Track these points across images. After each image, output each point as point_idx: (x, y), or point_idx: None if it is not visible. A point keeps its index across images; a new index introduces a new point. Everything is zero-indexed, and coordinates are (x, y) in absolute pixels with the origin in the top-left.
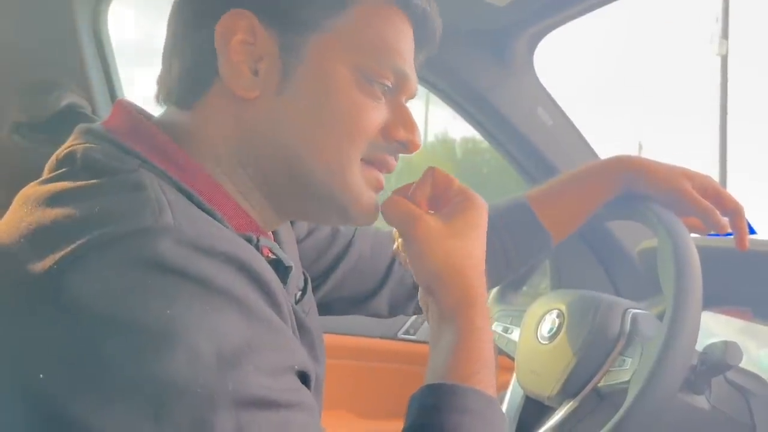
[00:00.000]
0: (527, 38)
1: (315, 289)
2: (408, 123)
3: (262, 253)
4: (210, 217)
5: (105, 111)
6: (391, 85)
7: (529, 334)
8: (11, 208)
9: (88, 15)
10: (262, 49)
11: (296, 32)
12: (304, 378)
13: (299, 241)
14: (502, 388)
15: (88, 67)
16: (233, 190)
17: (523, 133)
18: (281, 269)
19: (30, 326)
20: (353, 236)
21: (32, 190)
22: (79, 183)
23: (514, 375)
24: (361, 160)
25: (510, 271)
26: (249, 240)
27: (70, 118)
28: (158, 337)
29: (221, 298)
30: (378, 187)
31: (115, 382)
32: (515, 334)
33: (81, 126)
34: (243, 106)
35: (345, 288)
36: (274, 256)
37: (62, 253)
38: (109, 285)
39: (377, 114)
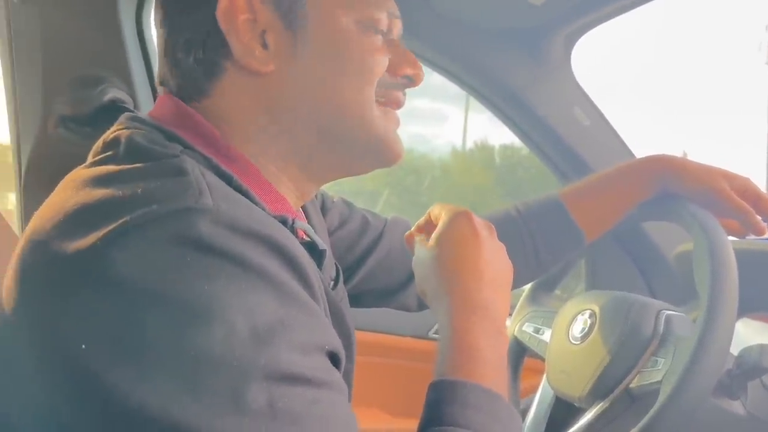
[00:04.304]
0: (564, 37)
1: (346, 281)
2: (409, 59)
3: (296, 235)
4: (247, 200)
5: (146, 106)
6: (385, 29)
7: (561, 335)
8: (57, 189)
9: (131, 13)
10: (264, 23)
11: (294, 10)
12: (334, 360)
13: (330, 234)
14: (532, 390)
15: (131, 63)
16: (268, 171)
17: (560, 133)
18: (316, 252)
19: (73, 298)
20: (383, 228)
21: (78, 173)
22: (123, 166)
23: (545, 376)
24: (377, 100)
25: (541, 269)
26: (284, 222)
27: (113, 112)
28: (196, 312)
29: (256, 277)
30: (397, 122)
31: (153, 354)
32: (546, 335)
33: (126, 114)
34: (262, 82)
35: (375, 280)
36: (308, 239)
37: (105, 230)
38: (150, 261)
39: (382, 55)
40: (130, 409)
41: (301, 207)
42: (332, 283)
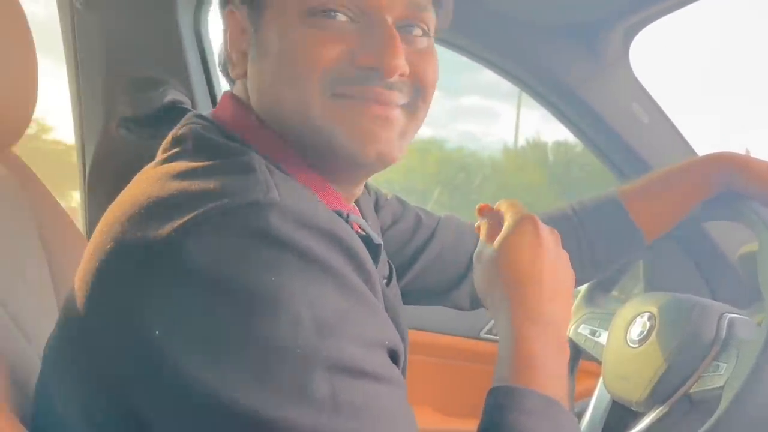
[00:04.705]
0: (623, 31)
1: (398, 279)
2: (376, 45)
3: (352, 229)
4: (310, 195)
5: (204, 107)
6: (351, 11)
7: (618, 338)
8: (129, 186)
9: (190, 17)
10: (245, 32)
11: (257, 3)
12: (394, 356)
13: (383, 231)
14: (588, 393)
15: (189, 65)
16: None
17: (618, 130)
18: (371, 247)
19: (149, 286)
20: (436, 226)
21: (152, 170)
22: (195, 162)
23: (600, 379)
24: (335, 94)
25: (598, 270)
26: (339, 215)
27: (172, 113)
28: (262, 302)
29: (320, 270)
30: (370, 117)
31: (223, 341)
32: (603, 338)
33: (192, 112)
34: (244, 87)
35: (427, 278)
36: (363, 233)
37: (179, 222)
38: (221, 252)
39: (331, 45)
40: (200, 394)
41: (354, 203)
42: (386, 280)
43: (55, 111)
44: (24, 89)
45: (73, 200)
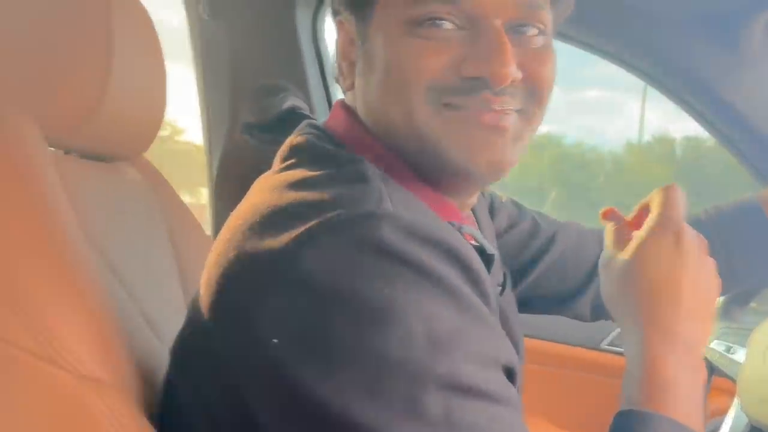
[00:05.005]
0: (765, 23)
1: (514, 285)
2: (483, 53)
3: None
4: (422, 206)
5: (321, 112)
6: (457, 18)
7: (757, 356)
8: (248, 194)
9: (308, 24)
10: (353, 43)
11: (364, 13)
12: (510, 374)
13: (499, 236)
14: (720, 412)
15: (308, 71)
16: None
17: (762, 130)
18: (484, 257)
19: (266, 294)
20: (555, 232)
21: (270, 178)
22: (311, 172)
23: (736, 400)
24: (443, 105)
25: (735, 282)
26: (452, 226)
27: (291, 119)
28: (377, 314)
29: (435, 284)
30: (485, 129)
31: (337, 352)
32: (740, 355)
33: (307, 121)
34: (353, 98)
35: (545, 286)
36: (476, 244)
37: (298, 231)
38: (336, 263)
39: (436, 55)
40: (313, 404)
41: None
42: (500, 288)
43: (186, 113)
44: (154, 99)
45: (203, 197)
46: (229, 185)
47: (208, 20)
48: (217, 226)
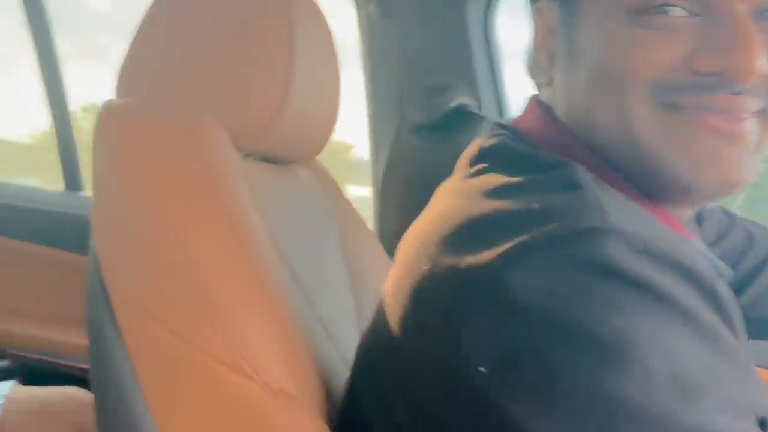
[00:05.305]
0: None
1: None
2: (722, 43)
3: None
4: (649, 218)
5: (490, 110)
6: (689, 3)
7: None
8: (437, 198)
9: (480, 19)
10: (555, 33)
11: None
12: (762, 426)
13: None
14: None
15: (478, 68)
16: None
17: None
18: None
19: (470, 317)
20: None
21: (459, 184)
22: (515, 178)
23: None
24: (666, 105)
25: None
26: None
27: (459, 118)
28: (607, 349)
29: (677, 314)
30: (717, 137)
31: (559, 390)
32: None
33: (494, 122)
34: (549, 96)
35: (764, 307)
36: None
37: (503, 248)
38: (554, 287)
39: (665, 47)
40: None
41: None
42: None
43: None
44: (330, 99)
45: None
46: (395, 189)
47: (379, 22)
48: (381, 226)
